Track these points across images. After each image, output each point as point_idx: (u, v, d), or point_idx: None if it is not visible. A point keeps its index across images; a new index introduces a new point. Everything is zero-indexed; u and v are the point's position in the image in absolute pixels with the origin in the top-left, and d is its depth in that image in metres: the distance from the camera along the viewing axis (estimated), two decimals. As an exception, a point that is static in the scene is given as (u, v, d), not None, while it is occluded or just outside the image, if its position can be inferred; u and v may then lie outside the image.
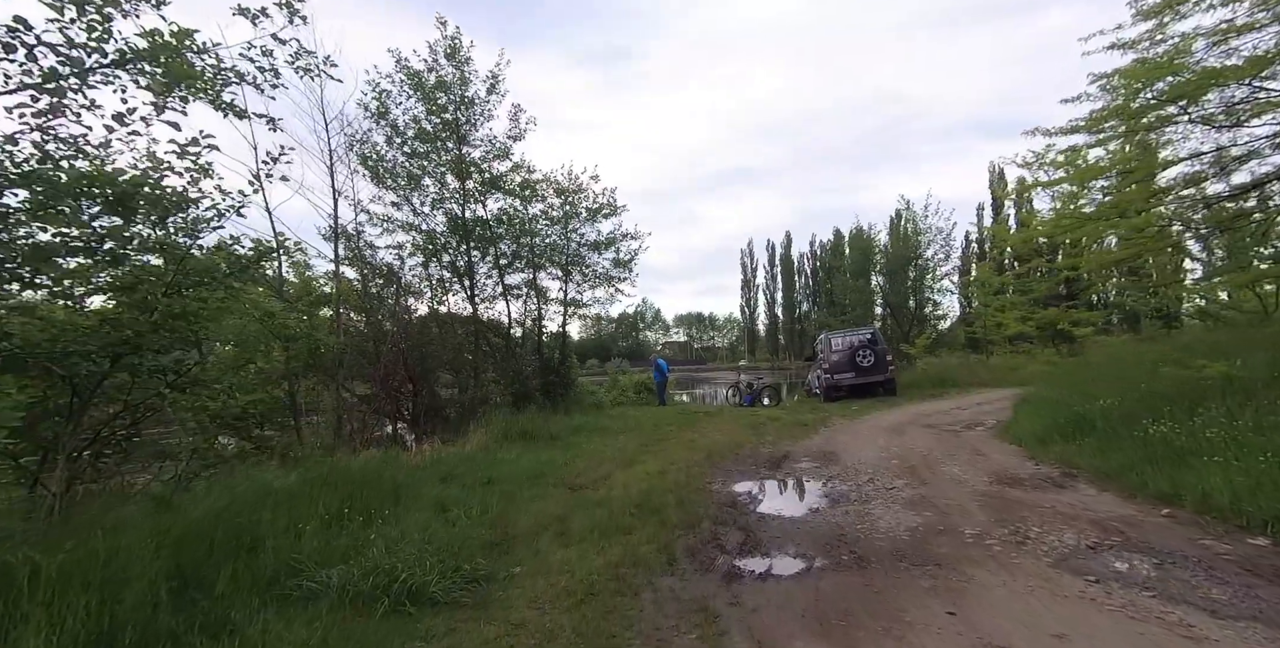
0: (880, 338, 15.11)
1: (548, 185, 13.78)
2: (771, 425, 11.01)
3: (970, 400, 13.33)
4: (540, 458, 7.77)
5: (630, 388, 18.33)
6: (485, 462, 7.55)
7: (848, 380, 14.92)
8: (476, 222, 12.97)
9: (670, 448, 8.52)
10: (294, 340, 8.43)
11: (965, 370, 16.48)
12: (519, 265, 13.79)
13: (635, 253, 14.66)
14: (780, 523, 4.46)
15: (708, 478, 6.36)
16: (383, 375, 9.33)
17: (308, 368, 8.67)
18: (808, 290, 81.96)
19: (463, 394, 12.99)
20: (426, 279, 13.14)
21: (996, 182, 60.94)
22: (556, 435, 9.54)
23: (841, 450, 7.74)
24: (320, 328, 8.76)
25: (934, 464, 6.36)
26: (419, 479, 6.05)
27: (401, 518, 4.28)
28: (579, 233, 14.42)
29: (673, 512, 4.76)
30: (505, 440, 9.08)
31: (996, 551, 3.53)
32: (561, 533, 4.33)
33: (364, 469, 4.90)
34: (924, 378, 16.23)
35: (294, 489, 4.05)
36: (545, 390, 14.01)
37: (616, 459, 7.63)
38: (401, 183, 12.11)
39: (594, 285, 14.74)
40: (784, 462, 7.23)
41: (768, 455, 7.75)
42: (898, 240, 22.75)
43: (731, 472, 6.75)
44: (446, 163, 12.35)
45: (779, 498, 5.41)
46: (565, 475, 6.72)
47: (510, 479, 6.43)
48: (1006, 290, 20.45)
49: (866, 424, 10.63)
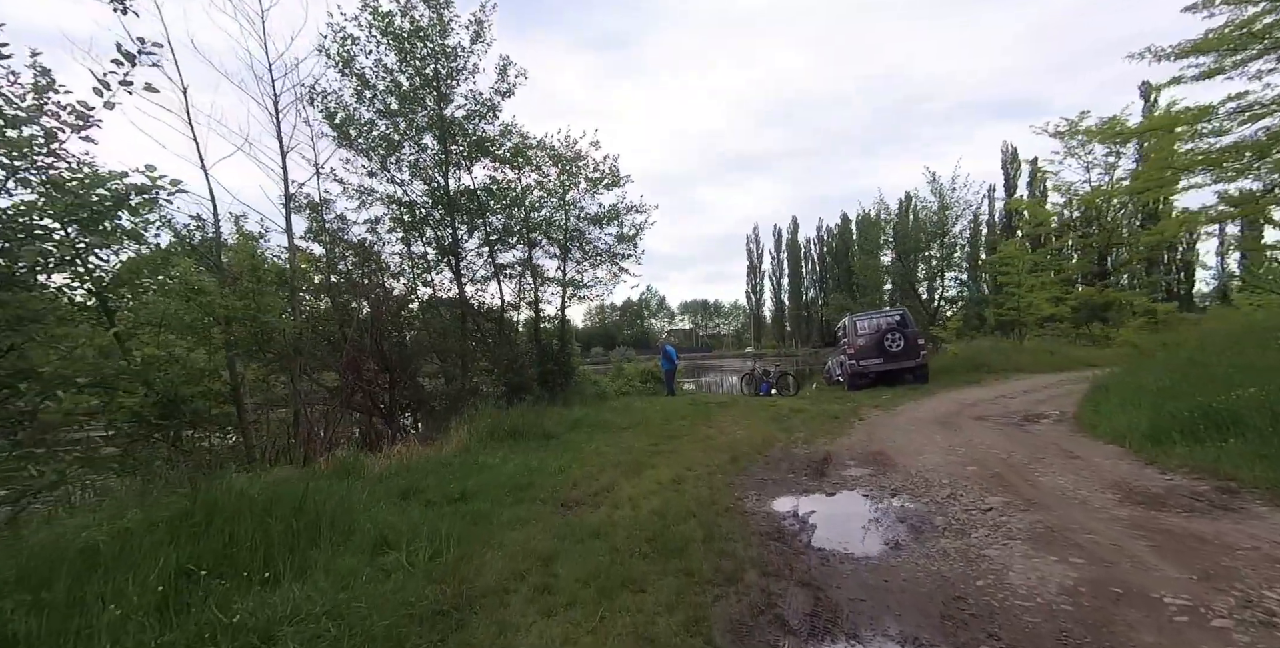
0: (910, 320, 13.68)
1: (542, 152, 12.32)
2: (797, 418, 9.69)
3: (1013, 388, 11.95)
4: (530, 462, 6.46)
5: (636, 377, 17.01)
6: (462, 468, 6.24)
7: (875, 367, 13.54)
8: (462, 192, 11.55)
9: (685, 448, 7.20)
10: (233, 323, 7.13)
11: (999, 355, 15.05)
12: (511, 241, 12.38)
13: (640, 227, 13.24)
14: (856, 572, 3.12)
15: (736, 492, 5.03)
16: (349, 363, 8.00)
17: (254, 355, 7.35)
18: (815, 276, 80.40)
19: (449, 385, 11.69)
20: (408, 257, 11.78)
21: (1010, 161, 59.23)
22: (552, 433, 8.23)
23: (894, 451, 6.39)
24: (270, 309, 7.42)
25: (1025, 472, 5.00)
26: (369, 498, 4.75)
27: (312, 570, 2.97)
28: (578, 205, 13.00)
29: (699, 551, 3.43)
30: (491, 440, 7.77)
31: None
32: (543, 589, 3.01)
33: (276, 492, 3.57)
34: (955, 363, 14.82)
35: (137, 533, 2.70)
36: (543, 381, 12.69)
37: (621, 464, 6.31)
38: (375, 145, 10.68)
39: (595, 264, 13.34)
40: (827, 467, 5.89)
41: (804, 458, 6.41)
42: (907, 222, 21.25)
43: (765, 482, 5.41)
44: (425, 123, 10.91)
45: (840, 525, 4.07)
46: (558, 487, 5.41)
47: (488, 493, 5.11)
48: (1039, 268, 18.95)
49: (905, 416, 9.28)
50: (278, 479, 4.29)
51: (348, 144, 10.60)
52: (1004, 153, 58.03)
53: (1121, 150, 17.49)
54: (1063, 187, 19.46)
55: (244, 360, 7.45)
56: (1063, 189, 19.74)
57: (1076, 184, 19.67)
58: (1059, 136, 19.33)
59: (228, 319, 7.06)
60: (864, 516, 4.24)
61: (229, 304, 6.49)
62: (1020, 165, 55.75)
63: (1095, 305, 18.57)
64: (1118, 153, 19.01)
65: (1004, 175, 58.13)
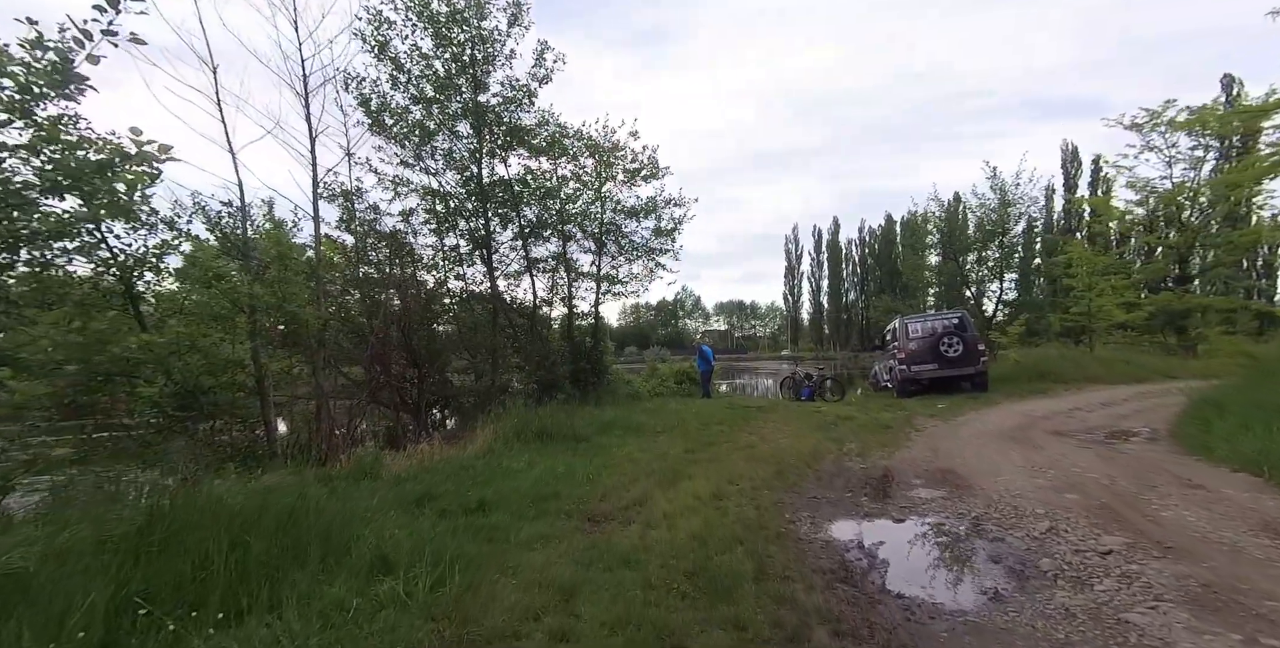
0: (970, 323, 12.64)
1: (579, 142, 11.85)
2: (845, 427, 8.92)
3: (1089, 399, 10.83)
4: (557, 467, 5.96)
5: (671, 377, 16.40)
6: (485, 472, 5.79)
7: (928, 373, 12.56)
8: (496, 182, 11.18)
9: (725, 456, 6.58)
10: (259, 312, 6.87)
11: (1067, 364, 13.79)
12: (545, 234, 11.95)
13: (679, 221, 12.63)
14: (955, 636, 2.45)
15: (787, 513, 4.39)
16: (375, 356, 7.68)
17: (279, 346, 7.09)
18: (855, 278, 77.82)
19: (479, 381, 11.36)
20: (440, 250, 11.49)
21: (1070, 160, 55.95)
22: (582, 435, 7.71)
23: (965, 469, 5.62)
24: (294, 298, 7.14)
25: (1138, 504, 4.19)
26: (380, 504, 4.32)
27: (288, 599, 2.50)
28: (614, 198, 12.49)
29: (751, 593, 2.82)
30: (518, 441, 7.31)
31: None
32: (561, 636, 2.46)
33: (265, 501, 3.13)
34: (1017, 371, 13.64)
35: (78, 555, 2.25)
36: (575, 379, 12.25)
37: (655, 472, 5.73)
38: (409, 131, 10.40)
39: (631, 259, 12.80)
40: (889, 486, 5.17)
41: (861, 474, 5.71)
42: (956, 220, 19.92)
43: (819, 502, 4.75)
44: (459, 111, 10.57)
45: (918, 563, 3.39)
46: (585, 498, 4.87)
47: (509, 503, 4.62)
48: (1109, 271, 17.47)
49: (969, 428, 8.40)
50: (270, 486, 3.88)
51: (381, 131, 10.34)
52: (1064, 151, 54.87)
53: (1212, 143, 15.90)
54: (1138, 183, 17.88)
55: (270, 352, 7.19)
56: (1138, 186, 18.14)
57: (1154, 181, 18.08)
58: (1136, 129, 17.80)
59: (252, 308, 6.81)
60: (946, 551, 3.54)
61: (254, 292, 6.21)
62: (1081, 164, 52.80)
63: (1173, 312, 16.98)
64: (1206, 146, 17.37)
65: (1064, 175, 55.04)
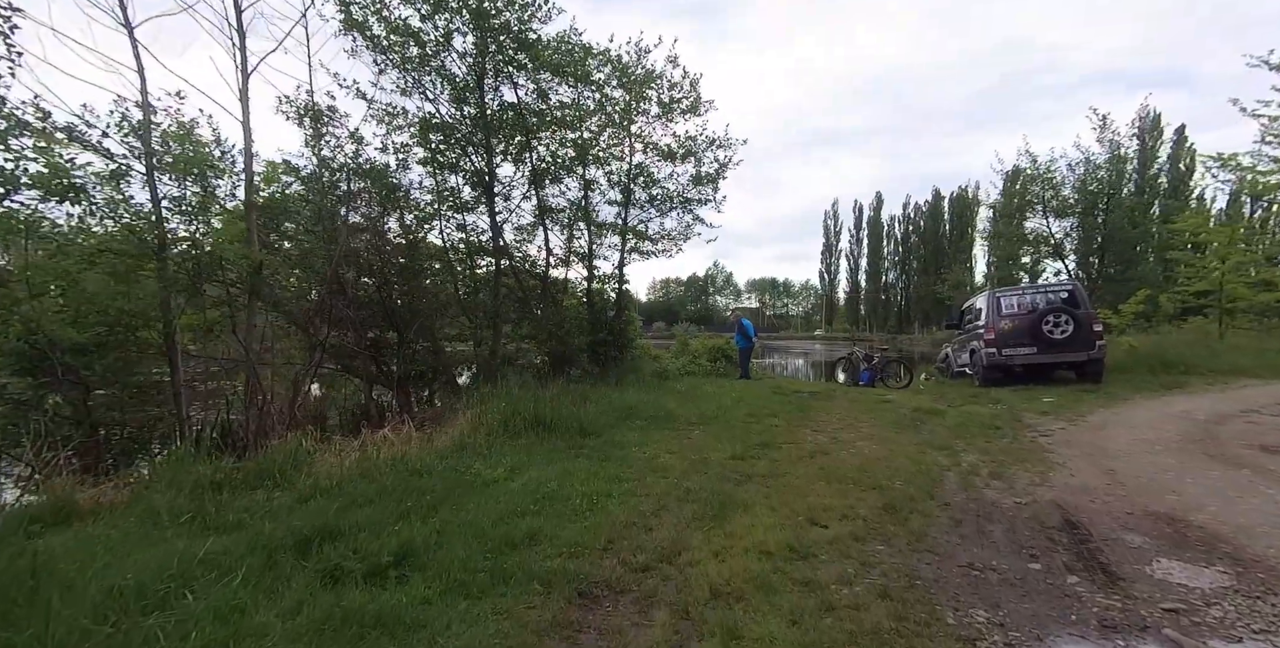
0: (1084, 297, 10.18)
1: (605, 63, 9.65)
2: (936, 425, 6.82)
3: (1254, 398, 8.17)
4: (547, 480, 4.06)
5: (704, 354, 14.37)
6: (440, 485, 3.90)
7: (1023, 358, 10.16)
8: (505, 107, 9.10)
9: (791, 468, 4.58)
10: (167, 251, 5.07)
11: (1201, 351, 11.21)
12: (562, 178, 9.88)
13: (725, 165, 10.38)
14: None
15: (940, 604, 2.38)
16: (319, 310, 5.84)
17: (192, 295, 5.28)
18: (896, 257, 73.42)
19: (478, 349, 9.54)
20: (437, 193, 9.53)
21: (1151, 129, 50.61)
22: (592, 428, 5.77)
23: (1199, 514, 3.47)
24: (219, 235, 5.32)
25: None
26: (226, 560, 2.48)
27: None
28: (646, 136, 10.29)
29: None
30: (504, 433, 5.43)
31: None
32: None
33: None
34: (1134, 360, 11.12)
35: None
36: (593, 352, 10.35)
37: (692, 496, 3.78)
38: (399, 45, 8.35)
39: (664, 211, 10.65)
40: (1092, 547, 3.09)
41: (1023, 516, 3.61)
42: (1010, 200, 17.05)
43: (989, 583, 2.70)
44: (460, 24, 8.44)
45: None
46: (580, 542, 2.96)
47: (452, 552, 2.74)
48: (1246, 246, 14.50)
49: (1118, 435, 6.09)
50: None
51: (371, 44, 8.31)
52: (1141, 118, 49.73)
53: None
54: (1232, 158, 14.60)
55: (183, 301, 5.41)
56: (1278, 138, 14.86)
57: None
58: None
59: (159, 241, 5.01)
60: None
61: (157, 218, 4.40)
62: (1162, 133, 47.87)
63: (1319, 294, 14.00)
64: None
65: (1139, 145, 50.01)
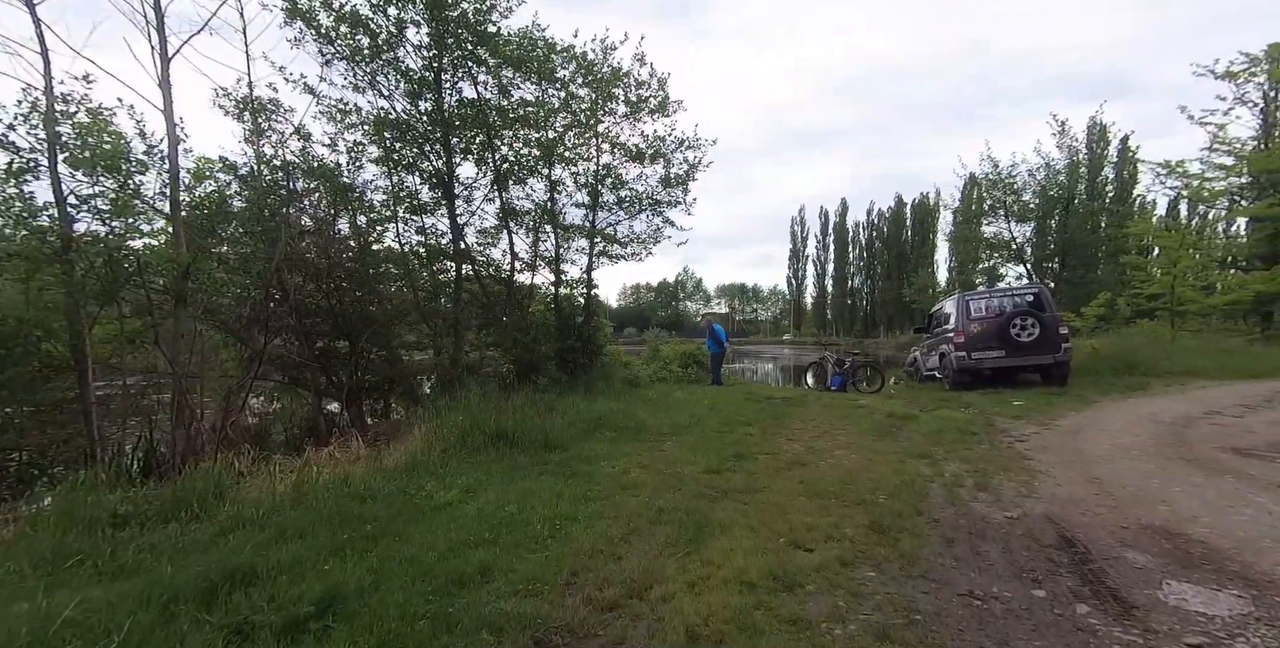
0: (1049, 301, 10.31)
1: (570, 60, 9.34)
2: (913, 431, 6.66)
3: (1214, 399, 8.29)
4: (506, 502, 3.68)
5: (675, 360, 14.10)
6: (385, 512, 3.48)
7: (991, 361, 10.21)
8: (463, 104, 8.69)
9: (769, 482, 4.30)
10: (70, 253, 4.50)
11: (1157, 353, 11.48)
12: (523, 176, 9.50)
13: (694, 166, 10.17)
14: None
15: (939, 642, 2.11)
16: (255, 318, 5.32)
17: (106, 302, 4.72)
18: (861, 262, 74.95)
19: (438, 358, 9.05)
20: (392, 194, 9.04)
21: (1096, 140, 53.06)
22: (558, 442, 5.39)
23: (1193, 525, 3.32)
24: (143, 236, 4.77)
25: None
26: (101, 618, 2.05)
27: None
28: (613, 137, 10.01)
29: None
30: (462, 449, 5.00)
31: None
32: None
33: None
34: (1097, 362, 11.30)
35: None
36: (561, 360, 9.95)
37: (665, 516, 3.46)
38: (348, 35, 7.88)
39: (632, 213, 10.37)
40: (1093, 567, 2.88)
41: (1016, 532, 3.39)
42: (969, 206, 17.49)
43: (992, 614, 2.45)
44: (413, 16, 8.02)
45: None
46: (540, 577, 2.60)
47: (389, 597, 2.35)
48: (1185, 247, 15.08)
49: (1093, 439, 6.02)
50: None
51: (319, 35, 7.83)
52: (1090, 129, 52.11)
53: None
54: (1228, 143, 15.34)
55: (97, 309, 4.83)
56: (1226, 147, 15.60)
57: (1244, 141, 15.55)
58: (1229, 78, 15.22)
59: (65, 241, 4.45)
60: None
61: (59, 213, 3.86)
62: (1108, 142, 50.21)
63: (1262, 296, 14.63)
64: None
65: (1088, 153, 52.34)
